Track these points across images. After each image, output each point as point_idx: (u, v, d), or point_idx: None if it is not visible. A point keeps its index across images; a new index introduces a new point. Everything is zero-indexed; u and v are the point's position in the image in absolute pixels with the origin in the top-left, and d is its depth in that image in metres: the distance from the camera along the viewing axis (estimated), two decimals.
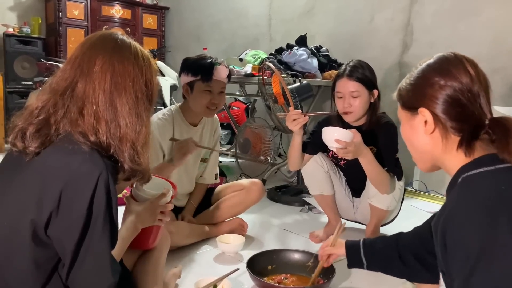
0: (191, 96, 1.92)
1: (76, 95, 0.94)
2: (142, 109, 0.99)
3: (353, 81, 1.87)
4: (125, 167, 0.96)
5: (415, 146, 0.99)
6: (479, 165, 0.87)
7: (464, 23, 3.07)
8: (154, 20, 5.78)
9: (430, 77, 0.93)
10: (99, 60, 0.95)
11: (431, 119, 0.91)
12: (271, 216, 2.49)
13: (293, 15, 4.29)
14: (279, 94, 2.40)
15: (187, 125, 1.97)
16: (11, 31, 4.87)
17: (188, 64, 1.91)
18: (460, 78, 0.90)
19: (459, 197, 0.86)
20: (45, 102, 0.95)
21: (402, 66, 3.44)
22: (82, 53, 0.97)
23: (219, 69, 1.89)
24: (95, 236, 0.88)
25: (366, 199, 2.01)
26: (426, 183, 3.13)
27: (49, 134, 0.92)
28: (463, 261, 0.78)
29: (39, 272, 0.90)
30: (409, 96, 0.98)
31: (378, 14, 3.61)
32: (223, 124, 4.33)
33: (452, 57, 0.94)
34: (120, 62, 0.96)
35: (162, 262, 1.44)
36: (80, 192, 0.87)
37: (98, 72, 0.94)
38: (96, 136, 0.93)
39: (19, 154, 0.93)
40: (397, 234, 1.31)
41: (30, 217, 0.87)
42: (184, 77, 1.91)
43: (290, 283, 1.59)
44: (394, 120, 2.03)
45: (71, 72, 0.96)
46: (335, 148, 1.76)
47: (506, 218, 0.76)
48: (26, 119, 0.95)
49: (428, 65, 0.96)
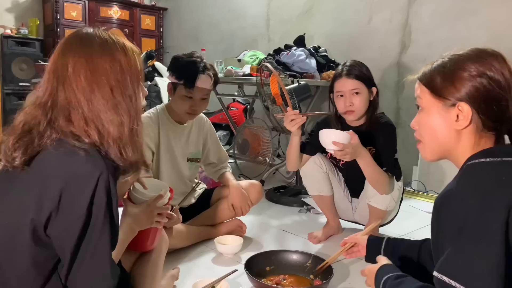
0: (173, 97, 1.93)
1: (59, 104, 0.93)
2: (120, 97, 0.95)
3: (352, 79, 1.88)
4: (118, 163, 0.96)
5: (437, 138, 0.95)
6: (487, 155, 0.87)
7: (462, 23, 3.07)
8: (152, 21, 5.78)
9: (470, 66, 0.88)
10: (70, 63, 0.93)
11: (469, 115, 0.88)
12: (269, 217, 2.49)
13: (291, 16, 4.29)
14: (277, 94, 2.39)
15: (173, 123, 1.97)
16: (9, 32, 4.86)
17: (175, 65, 1.91)
18: (503, 72, 0.87)
19: (459, 180, 0.87)
20: (27, 116, 0.94)
21: (401, 67, 3.44)
22: (55, 61, 0.96)
23: (203, 78, 1.86)
24: (94, 236, 0.88)
25: (365, 199, 2.01)
26: (425, 183, 3.13)
27: (32, 141, 0.91)
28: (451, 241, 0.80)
29: (39, 272, 0.90)
30: (444, 83, 0.91)
31: (376, 15, 3.61)
32: (222, 125, 4.33)
33: (492, 51, 0.90)
34: (88, 58, 0.93)
35: (160, 264, 1.44)
36: (80, 192, 0.86)
37: (71, 75, 0.92)
38: (90, 138, 0.92)
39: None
40: (423, 240, 1.27)
41: (30, 217, 0.87)
42: (169, 76, 1.91)
43: (288, 284, 1.59)
44: (392, 120, 2.03)
45: (48, 83, 0.95)
46: (332, 151, 1.75)
47: (499, 207, 0.77)
48: (9, 134, 0.94)
49: (467, 55, 0.91)
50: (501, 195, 0.78)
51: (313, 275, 1.62)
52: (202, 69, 1.87)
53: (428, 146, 0.98)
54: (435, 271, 0.81)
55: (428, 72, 0.95)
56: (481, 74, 0.87)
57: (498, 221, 0.76)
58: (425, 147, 0.99)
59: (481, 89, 0.87)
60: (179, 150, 2.00)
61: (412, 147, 1.05)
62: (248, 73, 3.21)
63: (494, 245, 0.76)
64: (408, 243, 1.30)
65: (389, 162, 1.90)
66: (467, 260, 0.77)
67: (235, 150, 3.53)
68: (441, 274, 0.80)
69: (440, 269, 0.81)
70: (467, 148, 0.91)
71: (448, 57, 0.93)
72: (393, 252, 1.29)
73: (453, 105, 0.90)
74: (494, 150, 0.89)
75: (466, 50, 0.92)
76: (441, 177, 2.90)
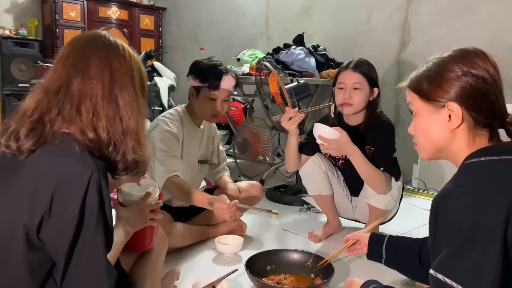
0: (196, 100, 1.95)
1: (71, 93, 0.94)
2: (141, 103, 1.01)
3: (357, 73, 1.89)
4: (128, 159, 0.97)
5: (432, 140, 0.96)
6: (484, 154, 0.88)
7: (461, 21, 3.07)
8: (151, 21, 5.77)
9: (455, 67, 0.90)
10: (95, 59, 0.96)
11: (459, 113, 0.89)
12: (270, 216, 2.48)
13: (291, 15, 4.29)
14: (277, 93, 2.39)
15: (193, 125, 2.01)
16: (8, 33, 4.85)
17: (198, 69, 1.93)
18: (487, 69, 0.88)
19: (457, 179, 0.87)
20: (38, 102, 0.94)
21: (400, 65, 3.44)
22: (73, 52, 0.97)
23: (227, 79, 1.91)
24: (88, 238, 0.87)
25: (364, 198, 2.00)
26: (425, 181, 3.13)
27: (43, 133, 0.92)
28: (449, 240, 0.80)
29: (34, 278, 0.89)
30: (431, 87, 0.93)
31: (375, 13, 3.61)
32: (222, 124, 4.32)
33: (474, 50, 0.92)
34: (116, 60, 0.98)
35: (160, 264, 1.43)
36: (72, 194, 0.86)
37: (95, 70, 0.95)
38: (95, 132, 0.93)
39: (12, 157, 0.92)
40: (424, 238, 1.27)
41: (23, 221, 0.86)
42: (192, 80, 1.94)
43: (289, 283, 1.59)
44: (391, 119, 2.03)
45: (63, 71, 0.96)
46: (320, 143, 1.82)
47: (497, 206, 0.77)
48: (19, 120, 0.94)
49: (450, 56, 0.93)
50: (498, 195, 0.78)
51: (314, 274, 1.62)
52: (225, 71, 1.92)
53: (423, 148, 1.00)
54: (431, 269, 0.82)
55: (414, 78, 0.98)
56: (465, 73, 0.89)
57: (495, 221, 0.76)
58: (420, 149, 1.01)
59: (467, 87, 0.89)
60: (194, 152, 2.03)
61: (412, 145, 1.05)
62: (248, 72, 3.21)
63: (491, 245, 0.75)
64: (409, 241, 1.30)
65: (387, 161, 1.90)
66: (464, 260, 0.77)
67: (235, 150, 3.53)
68: (437, 272, 0.80)
69: (436, 267, 0.81)
70: (462, 146, 0.92)
71: (432, 61, 0.96)
72: (394, 249, 1.29)
73: (443, 106, 0.91)
74: (492, 149, 0.89)
75: (449, 52, 0.94)
76: (441, 175, 2.90)
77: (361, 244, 1.41)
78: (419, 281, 1.29)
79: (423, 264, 1.20)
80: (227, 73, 1.92)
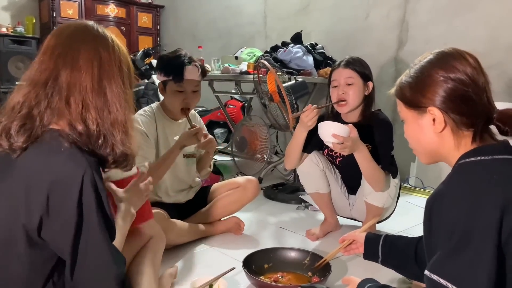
0: (165, 95, 1.94)
1: (59, 84, 0.93)
2: (128, 95, 1.01)
3: (348, 69, 1.91)
4: (116, 152, 0.96)
5: (422, 145, 0.98)
6: (478, 154, 0.88)
7: (459, 19, 3.07)
8: (149, 19, 5.76)
9: (433, 73, 0.92)
10: (84, 49, 0.94)
11: (441, 117, 0.91)
12: (267, 214, 2.48)
13: (289, 13, 4.28)
14: (275, 91, 2.38)
15: (169, 119, 1.98)
16: (5, 31, 4.84)
17: (161, 64, 1.93)
18: (465, 71, 0.89)
19: (450, 179, 0.88)
20: (26, 96, 0.93)
21: (398, 63, 3.44)
22: (60, 43, 0.96)
23: (190, 69, 1.87)
24: (90, 234, 0.88)
25: (362, 196, 2.01)
26: (423, 179, 3.13)
27: (34, 127, 0.91)
28: (444, 241, 0.81)
29: (36, 276, 0.89)
30: (413, 94, 0.96)
31: (373, 11, 3.61)
32: (219, 122, 4.32)
33: (452, 52, 0.93)
34: (105, 51, 0.97)
35: (158, 261, 1.43)
36: (67, 193, 0.86)
37: (84, 61, 0.94)
38: (85, 124, 0.92)
39: (4, 155, 0.92)
40: (420, 236, 1.27)
41: (21, 222, 0.86)
42: (158, 75, 1.93)
43: (286, 281, 1.59)
44: (390, 117, 2.03)
45: (50, 63, 0.94)
46: (331, 144, 1.74)
47: (490, 206, 0.77)
48: (8, 116, 0.93)
49: (429, 61, 0.95)
50: (492, 195, 0.78)
51: (311, 272, 1.62)
52: (188, 60, 1.89)
53: (419, 153, 1.03)
54: (426, 270, 0.82)
55: (398, 86, 1.01)
56: (445, 78, 0.90)
57: (489, 221, 0.76)
58: (417, 154, 1.04)
59: (446, 91, 0.90)
60: None
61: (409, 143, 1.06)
62: (245, 70, 3.20)
63: (486, 245, 0.76)
64: (405, 240, 1.30)
65: (385, 159, 1.90)
66: (458, 260, 0.77)
67: (233, 148, 3.53)
68: (432, 273, 0.80)
69: (431, 268, 0.81)
70: (451, 148, 0.93)
71: (414, 67, 0.98)
72: (390, 249, 1.29)
73: (425, 111, 0.93)
74: (486, 148, 0.89)
75: (429, 55, 0.96)
76: (439, 173, 2.90)
77: (357, 244, 1.41)
78: (416, 280, 1.29)
79: (419, 263, 1.21)
80: (190, 63, 1.88)
